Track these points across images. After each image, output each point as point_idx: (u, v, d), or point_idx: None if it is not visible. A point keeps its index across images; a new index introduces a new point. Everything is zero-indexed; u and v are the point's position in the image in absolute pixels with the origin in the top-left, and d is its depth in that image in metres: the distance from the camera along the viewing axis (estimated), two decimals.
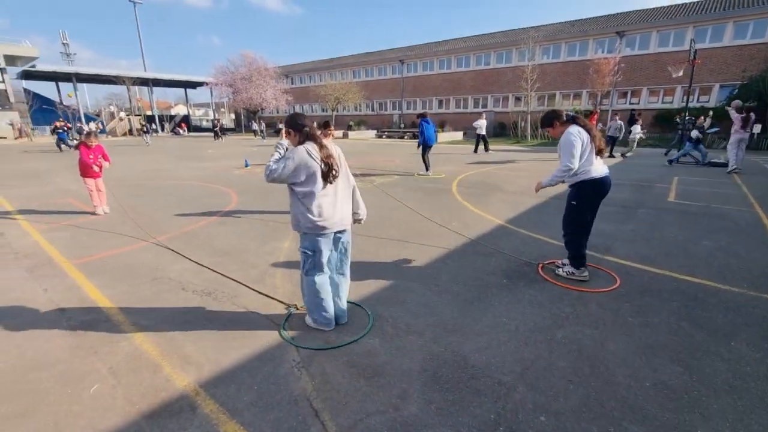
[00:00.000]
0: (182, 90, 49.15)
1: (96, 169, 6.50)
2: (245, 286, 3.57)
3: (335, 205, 2.62)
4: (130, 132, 37.68)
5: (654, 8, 27.99)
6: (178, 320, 2.98)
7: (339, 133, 31.73)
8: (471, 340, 2.65)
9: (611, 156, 13.73)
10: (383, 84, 39.25)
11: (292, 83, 45.21)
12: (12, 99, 38.49)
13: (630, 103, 26.71)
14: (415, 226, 5.42)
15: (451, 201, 7.05)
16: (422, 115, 10.56)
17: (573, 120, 3.45)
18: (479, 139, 16.54)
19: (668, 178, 9.28)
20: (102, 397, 2.17)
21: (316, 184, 2.52)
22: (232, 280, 3.71)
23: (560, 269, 3.71)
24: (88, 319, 3.02)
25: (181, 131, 41.15)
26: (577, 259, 3.55)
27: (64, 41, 51.08)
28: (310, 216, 2.54)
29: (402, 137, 29.17)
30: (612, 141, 13.89)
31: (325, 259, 2.69)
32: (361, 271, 3.86)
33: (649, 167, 11.23)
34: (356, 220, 2.90)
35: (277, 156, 2.58)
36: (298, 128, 2.59)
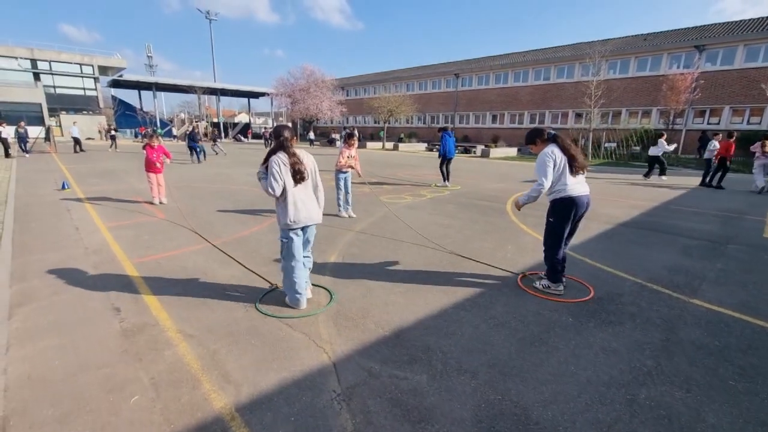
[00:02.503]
0: (246, 99, 52.35)
1: (158, 165, 7.61)
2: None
3: (305, 204, 3.16)
4: None
5: (740, 21, 25.47)
6: (222, 331, 2.93)
7: (390, 144, 31.93)
8: (533, 390, 2.32)
9: (708, 185, 11.31)
10: (436, 97, 39.16)
11: (347, 95, 46.48)
12: (102, 105, 43.23)
13: (708, 123, 24.35)
14: (467, 247, 5.11)
15: (505, 221, 6.62)
16: (443, 129, 10.63)
17: (554, 139, 3.54)
18: (656, 163, 12.76)
19: (761, 209, 8.13)
20: (140, 410, 2.11)
21: (285, 185, 3.08)
22: (278, 287, 3.64)
23: (537, 282, 3.80)
24: (138, 322, 3.06)
25: (243, 138, 43.49)
26: (554, 274, 3.64)
27: (149, 54, 56.70)
28: (287, 215, 3.09)
29: None
30: (710, 165, 11.41)
31: (298, 248, 3.21)
32: (409, 292, 3.64)
33: (736, 195, 9.95)
34: None
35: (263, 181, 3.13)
36: (277, 137, 3.13)
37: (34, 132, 23.77)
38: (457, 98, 37.14)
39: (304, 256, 3.36)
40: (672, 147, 12.67)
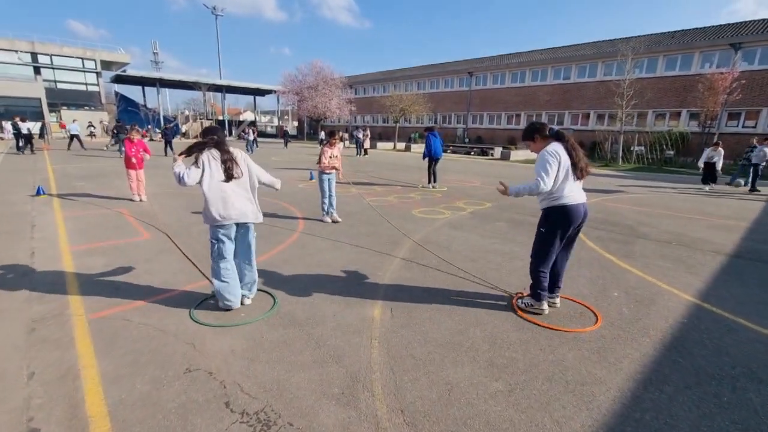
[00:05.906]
0: (251, 97, 51.09)
1: (134, 161, 7.40)
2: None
3: (234, 200, 3.05)
4: None
5: None
6: None
7: (401, 145, 30.52)
8: None
9: (755, 191, 11.00)
10: (448, 96, 37.67)
11: (356, 93, 45.08)
12: (104, 100, 42.09)
13: (743, 126, 22.77)
14: None
15: (583, 250, 5.17)
16: (430, 129, 10.27)
17: (557, 136, 3.07)
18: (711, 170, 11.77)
19: None
20: None
21: (212, 180, 2.99)
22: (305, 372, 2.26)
23: (521, 301, 3.47)
24: None
25: (247, 136, 41.98)
26: (537, 290, 3.28)
27: (155, 51, 55.57)
28: (215, 210, 2.98)
29: (468, 153, 27.26)
30: (755, 171, 11.08)
31: (228, 248, 3.11)
32: (516, 392, 2.22)
33: None
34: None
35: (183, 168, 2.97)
36: (208, 137, 3.09)
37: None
38: (471, 97, 35.64)
39: (244, 263, 3.30)
40: None
